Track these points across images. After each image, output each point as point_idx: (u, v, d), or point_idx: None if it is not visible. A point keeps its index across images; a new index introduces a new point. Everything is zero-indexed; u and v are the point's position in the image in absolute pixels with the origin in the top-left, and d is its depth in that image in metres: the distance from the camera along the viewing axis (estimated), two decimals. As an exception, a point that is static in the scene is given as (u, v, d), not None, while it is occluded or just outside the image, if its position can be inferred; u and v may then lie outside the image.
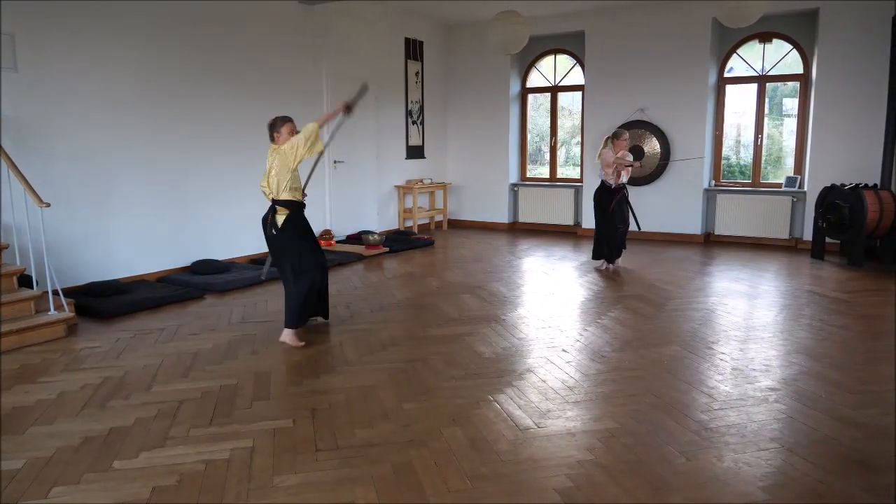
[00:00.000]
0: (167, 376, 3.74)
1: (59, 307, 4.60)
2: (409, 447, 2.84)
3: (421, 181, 9.67)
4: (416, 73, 9.63)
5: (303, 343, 4.31)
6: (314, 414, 3.20)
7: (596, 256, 6.87)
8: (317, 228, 8.17)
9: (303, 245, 4.38)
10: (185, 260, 6.48)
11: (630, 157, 6.62)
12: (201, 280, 6.02)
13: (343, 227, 8.52)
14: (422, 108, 9.82)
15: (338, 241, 8.21)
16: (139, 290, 5.61)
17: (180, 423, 3.11)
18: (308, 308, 4.44)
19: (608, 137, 6.65)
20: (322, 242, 7.95)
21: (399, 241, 8.31)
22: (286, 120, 4.31)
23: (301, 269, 4.35)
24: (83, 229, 5.64)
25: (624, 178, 6.59)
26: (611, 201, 6.59)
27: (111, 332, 4.61)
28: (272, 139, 4.31)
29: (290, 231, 4.31)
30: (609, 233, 6.64)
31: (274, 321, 4.87)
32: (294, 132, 4.28)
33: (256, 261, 6.99)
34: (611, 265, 6.79)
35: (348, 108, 4.50)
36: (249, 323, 4.87)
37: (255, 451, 2.81)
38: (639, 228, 6.97)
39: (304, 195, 4.44)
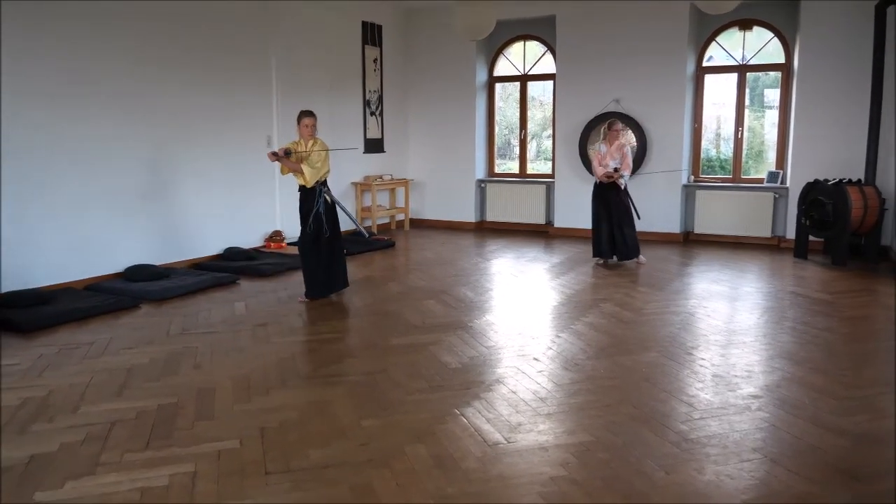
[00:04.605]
0: (97, 395, 3.65)
1: (-28, 320, 4.45)
2: (368, 467, 2.83)
3: (380, 177, 9.65)
4: (375, 60, 9.60)
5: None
6: (263, 433, 3.16)
7: (594, 254, 7.29)
8: (266, 230, 8.10)
9: None
10: (118, 265, 6.33)
11: (628, 157, 7.02)
12: (136, 287, 5.89)
13: (294, 229, 8.41)
14: (381, 98, 9.79)
15: (289, 244, 8.12)
16: (65, 299, 5.47)
17: (112, 447, 3.03)
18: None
19: (604, 128, 7.13)
20: (272, 245, 7.88)
21: (356, 243, 8.26)
22: None
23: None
24: (2, 232, 5.46)
25: (623, 173, 6.97)
26: (601, 196, 7.05)
27: (33, 348, 4.48)
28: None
29: None
30: (609, 229, 7.05)
31: (219, 332, 4.81)
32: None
33: (199, 266, 6.88)
34: (612, 260, 7.22)
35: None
36: (191, 334, 4.78)
37: (198, 477, 2.76)
38: (638, 218, 7.26)
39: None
